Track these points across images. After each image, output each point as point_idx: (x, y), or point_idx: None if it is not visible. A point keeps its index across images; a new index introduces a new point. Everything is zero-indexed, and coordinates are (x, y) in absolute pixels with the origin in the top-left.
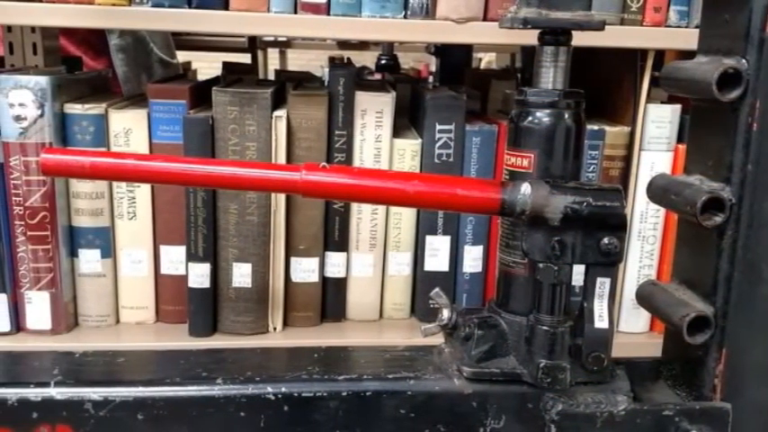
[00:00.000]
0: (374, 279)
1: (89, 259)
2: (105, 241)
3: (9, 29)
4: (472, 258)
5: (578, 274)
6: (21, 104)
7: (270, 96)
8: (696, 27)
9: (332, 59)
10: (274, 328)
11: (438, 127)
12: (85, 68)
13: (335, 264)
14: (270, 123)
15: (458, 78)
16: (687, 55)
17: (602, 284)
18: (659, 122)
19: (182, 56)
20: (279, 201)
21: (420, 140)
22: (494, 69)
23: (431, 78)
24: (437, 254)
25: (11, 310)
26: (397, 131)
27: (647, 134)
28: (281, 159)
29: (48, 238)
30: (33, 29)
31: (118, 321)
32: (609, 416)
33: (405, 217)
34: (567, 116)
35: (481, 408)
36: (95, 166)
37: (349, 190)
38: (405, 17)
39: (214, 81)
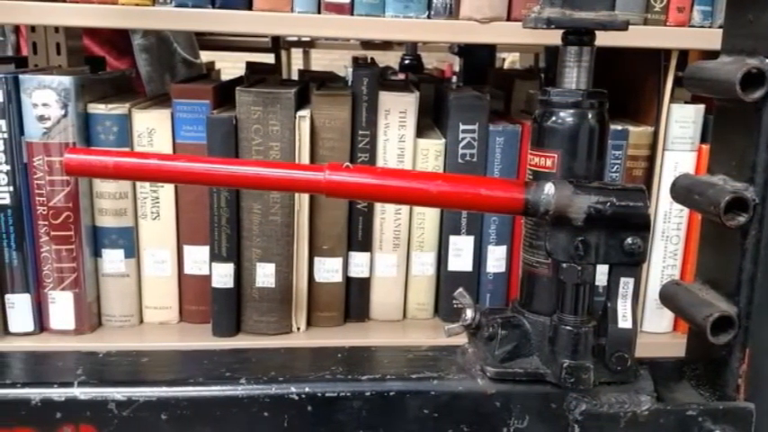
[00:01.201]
0: (398, 279)
1: (113, 259)
2: (129, 241)
3: (33, 29)
4: (496, 258)
5: (602, 274)
6: (44, 104)
7: (293, 96)
8: (720, 27)
9: (355, 59)
10: (298, 328)
11: (461, 127)
12: (109, 68)
13: (359, 264)
14: (293, 123)
15: (481, 78)
16: (711, 55)
17: (626, 284)
18: (683, 122)
19: (205, 56)
20: (302, 201)
21: (443, 140)
22: (517, 69)
23: (454, 78)
24: (461, 254)
25: (34, 310)
26: (421, 131)
27: (671, 134)
28: (305, 159)
29: (71, 238)
30: (57, 29)
31: (141, 321)
32: (632, 416)
33: (428, 217)
34: (590, 116)
35: (504, 408)
36: (119, 166)
37: (372, 190)
38: (428, 17)
39: (238, 81)
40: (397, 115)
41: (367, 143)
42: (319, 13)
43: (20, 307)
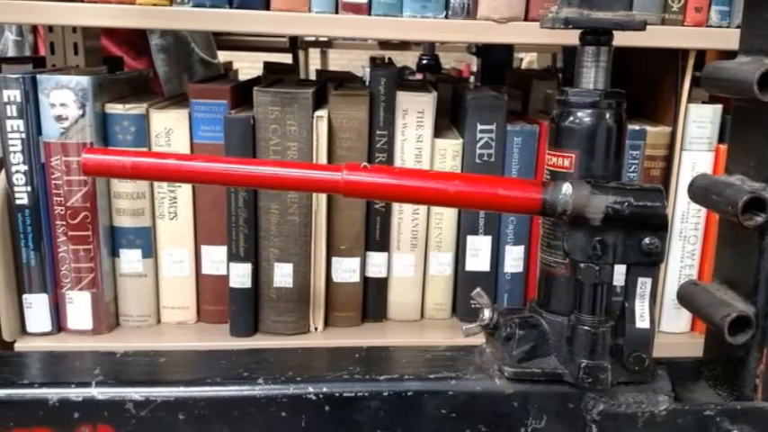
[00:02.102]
0: (415, 279)
1: (130, 259)
2: (146, 241)
3: (50, 29)
4: (513, 258)
5: (619, 274)
6: (62, 104)
7: (311, 96)
8: (737, 27)
9: (373, 59)
10: (315, 328)
11: (479, 127)
12: (126, 68)
13: (377, 264)
14: (311, 123)
15: (499, 78)
16: (728, 55)
17: (644, 284)
18: (700, 122)
19: (223, 56)
20: (320, 201)
21: (461, 140)
22: (535, 69)
23: (472, 78)
24: (478, 254)
25: (52, 310)
26: (439, 131)
27: (689, 134)
28: (323, 159)
29: (89, 238)
30: (74, 29)
31: (159, 321)
32: (650, 416)
33: (446, 217)
34: (608, 116)
35: (522, 408)
36: (136, 166)
37: (390, 190)
38: (446, 17)
39: (255, 81)
40: (414, 115)
41: (384, 143)
42: (337, 13)
43: (37, 307)
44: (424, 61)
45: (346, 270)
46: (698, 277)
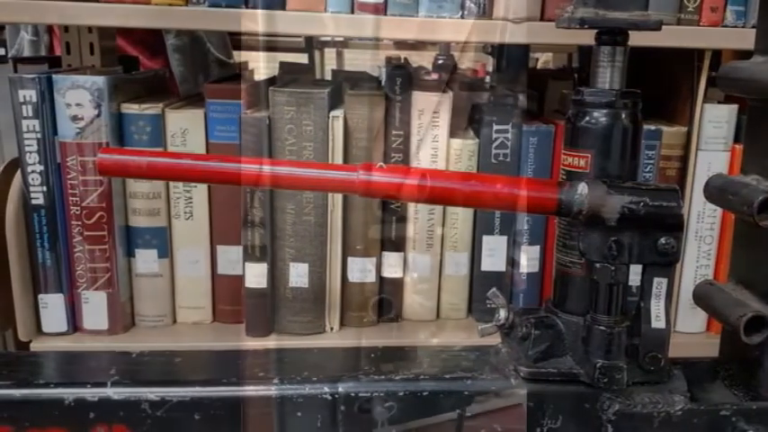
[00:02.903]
0: (431, 279)
1: (146, 259)
2: (162, 241)
3: (66, 29)
4: (529, 258)
5: (635, 274)
6: (78, 104)
7: (327, 96)
8: (753, 27)
9: (389, 59)
10: (331, 328)
11: (495, 127)
12: (142, 68)
13: (392, 264)
14: (327, 123)
15: (515, 78)
16: (744, 55)
17: (659, 284)
18: (716, 122)
19: (238, 56)
20: (336, 201)
21: (477, 140)
22: (550, 69)
23: (488, 78)
24: (494, 254)
25: (68, 310)
26: (454, 131)
27: (704, 134)
28: (338, 159)
29: (104, 238)
30: (90, 29)
31: (175, 321)
32: (666, 416)
33: (461, 217)
34: (623, 116)
35: (538, 408)
36: (152, 166)
37: (406, 190)
38: (461, 17)
39: (271, 81)
40: (430, 115)
41: (400, 143)
42: (352, 13)
43: (53, 307)
44: (440, 61)
45: (362, 270)
46: (714, 277)
